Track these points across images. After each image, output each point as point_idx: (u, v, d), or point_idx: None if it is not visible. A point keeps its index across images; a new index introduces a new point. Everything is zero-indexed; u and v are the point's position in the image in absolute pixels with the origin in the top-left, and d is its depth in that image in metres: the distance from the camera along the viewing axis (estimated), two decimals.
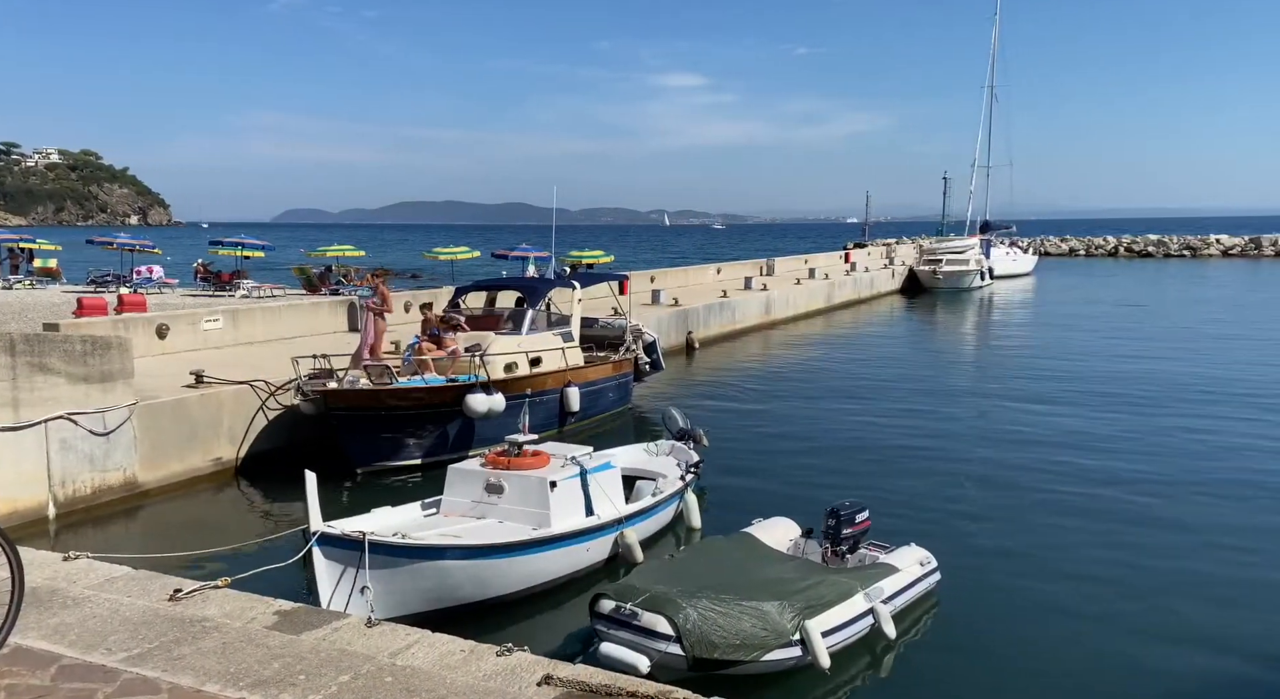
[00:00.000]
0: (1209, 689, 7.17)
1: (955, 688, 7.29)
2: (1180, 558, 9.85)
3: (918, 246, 60.62)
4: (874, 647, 7.86)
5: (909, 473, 13.39)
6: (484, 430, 13.70)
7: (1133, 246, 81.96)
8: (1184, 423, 16.37)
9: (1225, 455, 14.13)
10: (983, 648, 7.91)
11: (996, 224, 60.05)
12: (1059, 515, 11.32)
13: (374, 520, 8.94)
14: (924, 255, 51.72)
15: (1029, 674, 7.43)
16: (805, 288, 37.22)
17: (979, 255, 50.69)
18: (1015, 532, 10.76)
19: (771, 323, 32.64)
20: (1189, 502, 11.82)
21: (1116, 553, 10.01)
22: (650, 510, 10.38)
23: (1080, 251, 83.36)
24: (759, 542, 8.94)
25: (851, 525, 9.01)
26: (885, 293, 46.48)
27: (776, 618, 7.28)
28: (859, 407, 18.37)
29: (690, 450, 12.14)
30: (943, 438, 15.62)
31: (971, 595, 8.93)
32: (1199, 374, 21.49)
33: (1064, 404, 18.27)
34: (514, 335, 15.27)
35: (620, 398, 17.65)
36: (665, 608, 7.12)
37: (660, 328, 23.67)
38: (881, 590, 8.06)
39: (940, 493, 12.36)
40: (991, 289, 48.91)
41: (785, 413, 17.87)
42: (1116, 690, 7.15)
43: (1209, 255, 77.46)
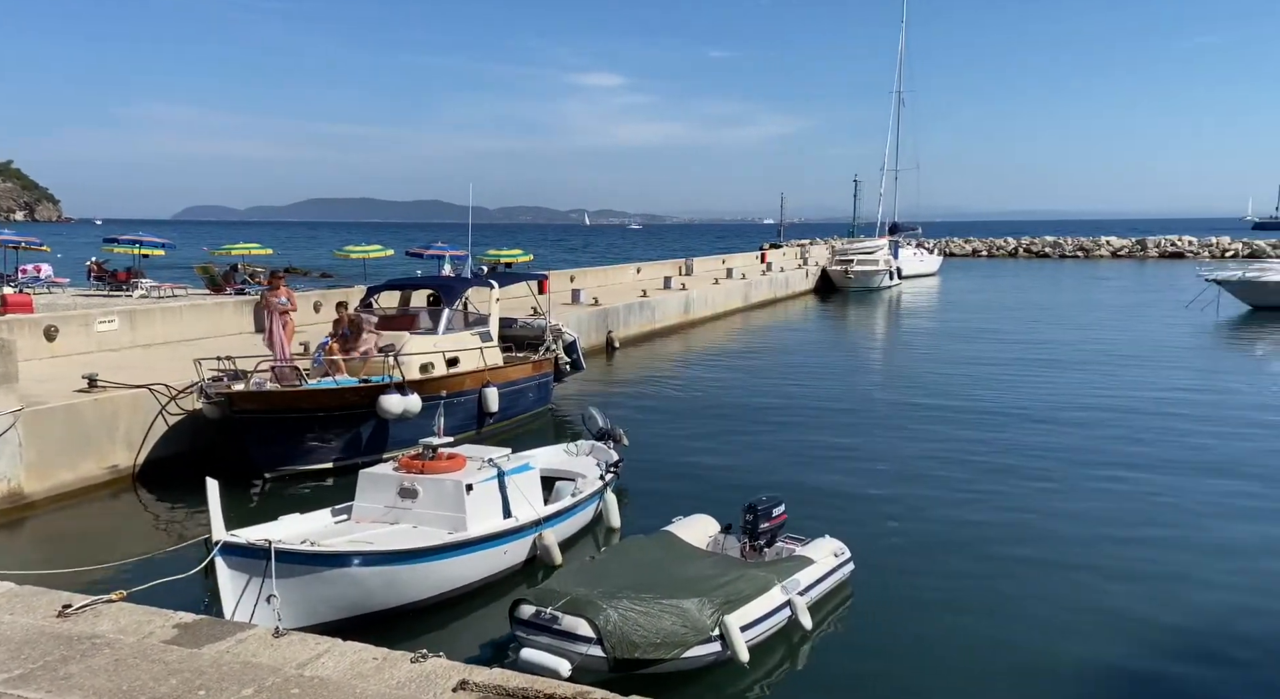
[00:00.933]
0: (1111, 673, 7.50)
1: (868, 675, 7.46)
2: (1083, 547, 10.28)
3: (830, 247, 62.10)
4: (791, 638, 7.99)
5: (824, 467, 13.67)
6: (399, 433, 13.38)
7: (1031, 247, 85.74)
8: (1084, 417, 17.17)
9: (1125, 448, 14.86)
10: (893, 634, 8.13)
11: (904, 226, 62.01)
12: (966, 506, 11.73)
13: (281, 528, 8.64)
14: (836, 256, 52.98)
15: (937, 659, 7.66)
16: (723, 287, 37.66)
17: (888, 256, 52.21)
18: (924, 521, 11.10)
19: (691, 322, 32.92)
20: (1091, 493, 12.38)
21: (1021, 542, 10.41)
22: (569, 511, 10.31)
23: (983, 252, 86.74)
24: (679, 540, 8.98)
25: (769, 520, 9.14)
26: (800, 292, 47.42)
27: (696, 615, 7.33)
28: (776, 404, 18.67)
29: (610, 450, 12.11)
30: (855, 432, 16.00)
31: (882, 583, 9.17)
32: (1093, 371, 22.59)
33: (969, 399, 18.95)
34: (430, 335, 14.97)
35: (540, 398, 17.51)
36: (586, 610, 7.09)
37: (580, 327, 23.58)
38: (798, 582, 8.20)
39: (853, 485, 12.66)
40: (900, 288, 50.43)
41: (705, 411, 18.02)
42: (1020, 673, 7.43)
43: (1100, 256, 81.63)
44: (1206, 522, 11.08)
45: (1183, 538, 10.52)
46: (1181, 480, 12.80)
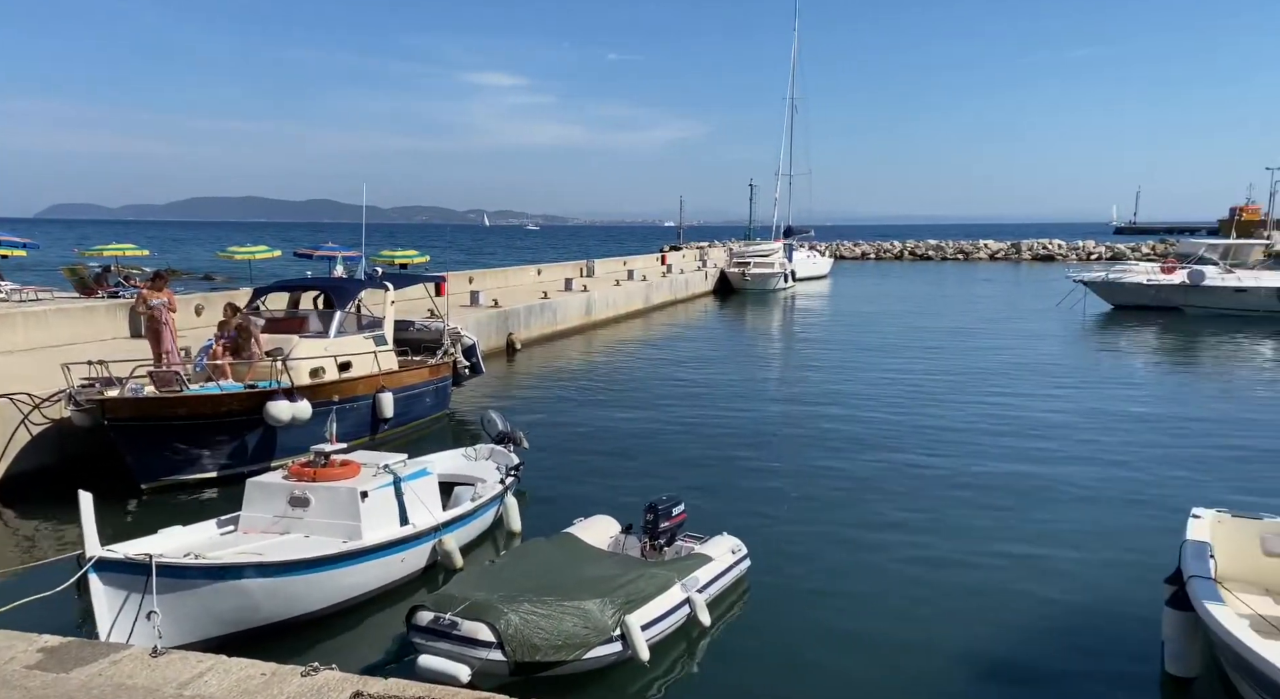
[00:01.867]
0: (994, 658, 7.91)
1: (764, 669, 7.64)
2: (966, 537, 10.77)
3: (728, 250, 63.27)
4: (690, 635, 8.11)
5: (722, 465, 13.92)
6: (288, 440, 12.91)
7: (915, 251, 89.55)
8: (966, 412, 18.04)
9: (1003, 442, 15.69)
10: (787, 627, 8.35)
11: (798, 229, 63.74)
12: (855, 500, 12.13)
13: (162, 541, 8.21)
14: (734, 258, 53.98)
15: (829, 650, 7.90)
16: (625, 289, 37.86)
17: (783, 258, 53.55)
18: (816, 517, 11.43)
19: (593, 324, 32.94)
20: (973, 483, 13.02)
21: (908, 535, 10.84)
22: (469, 516, 10.17)
23: (871, 255, 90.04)
24: (580, 541, 9.00)
25: (669, 519, 9.26)
26: (699, 294, 48.11)
27: (598, 615, 7.36)
28: (677, 403, 18.89)
29: (511, 453, 12.02)
30: (753, 431, 16.35)
31: (777, 578, 9.41)
32: (974, 369, 23.77)
33: (860, 398, 19.64)
34: (320, 338, 14.49)
35: (438, 402, 17.19)
36: (486, 615, 7.03)
37: (480, 330, 23.27)
38: (697, 580, 8.33)
39: (750, 483, 12.94)
40: (794, 290, 51.80)
41: (607, 412, 18.08)
42: (906, 662, 7.74)
43: (979, 258, 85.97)
44: (1079, 508, 11.80)
45: (1056, 524, 11.16)
46: (1051, 469, 13.59)
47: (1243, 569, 8.15)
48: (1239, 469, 13.71)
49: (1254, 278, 36.63)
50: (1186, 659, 7.15)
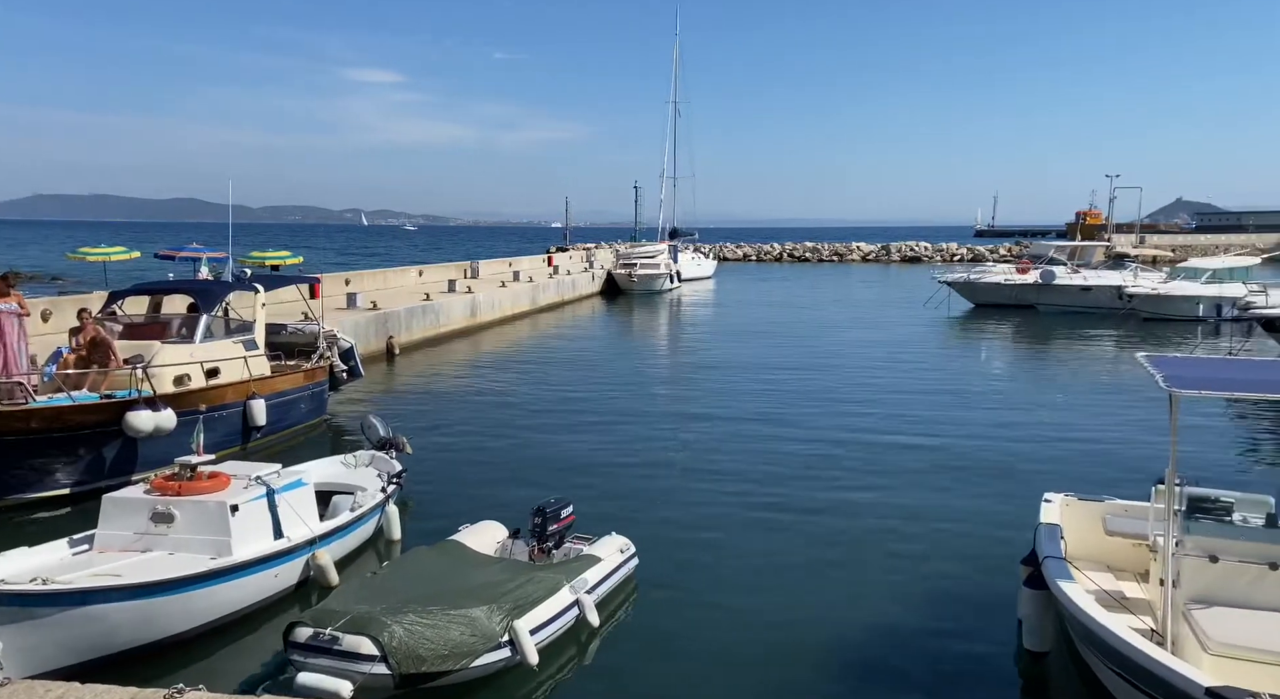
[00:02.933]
0: (867, 646, 8.25)
1: (652, 665, 7.73)
2: (847, 530, 11.15)
3: (614, 251, 63.58)
4: (580, 636, 8.12)
5: (612, 465, 13.99)
6: (151, 452, 12.15)
7: (794, 253, 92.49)
8: (844, 407, 18.76)
9: (882, 437, 16.39)
10: (674, 623, 8.47)
11: (683, 231, 64.76)
12: (741, 495, 12.42)
13: (5, 565, 7.59)
14: (620, 260, 54.31)
15: (715, 644, 8.06)
16: (510, 290, 37.48)
17: (668, 260, 54.26)
18: (704, 512, 11.64)
19: (478, 325, 32.46)
20: (848, 479, 13.53)
21: (791, 530, 11.15)
22: (348, 527, 9.85)
23: (753, 257, 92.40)
24: (466, 548, 8.86)
25: (557, 521, 9.25)
26: (586, 295, 48.15)
27: (485, 622, 7.28)
28: (564, 405, 18.85)
29: (392, 460, 11.70)
30: (640, 431, 16.50)
31: (664, 576, 9.53)
32: (849, 365, 24.76)
33: (746, 395, 20.13)
34: (185, 344, 13.72)
35: (314, 409, 16.55)
36: (368, 628, 6.83)
37: (358, 332, 22.56)
38: (586, 581, 8.34)
39: (640, 481, 13.06)
40: (680, 291, 52.59)
41: (493, 415, 17.85)
42: (786, 652, 7.97)
43: (852, 260, 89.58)
44: (942, 496, 12.46)
45: (922, 512, 11.73)
46: (917, 460, 14.30)
47: (1088, 548, 8.81)
48: (1085, 454, 14.79)
49: (1097, 277, 39.61)
50: (1041, 635, 7.66)
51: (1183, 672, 5.56)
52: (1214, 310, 34.25)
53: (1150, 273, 40.56)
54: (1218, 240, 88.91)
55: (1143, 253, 58.54)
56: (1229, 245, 76.44)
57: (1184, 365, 7.97)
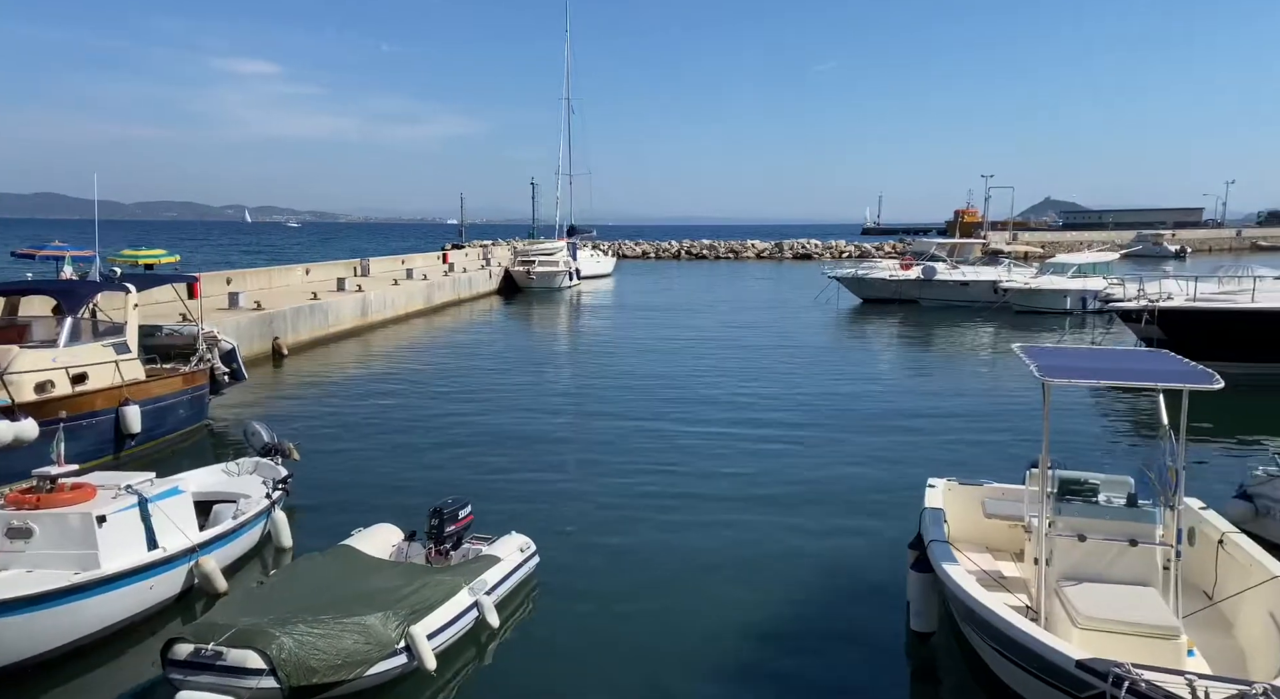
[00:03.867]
0: (762, 634, 8.42)
1: (553, 664, 7.69)
2: (744, 525, 11.30)
3: (512, 249, 62.90)
4: (479, 638, 8.00)
5: (512, 463, 13.83)
6: (9, 464, 11.27)
7: (691, 250, 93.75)
8: (743, 400, 19.11)
9: (776, 428, 16.77)
10: (575, 621, 8.46)
11: (581, 228, 64.59)
12: (639, 490, 12.48)
13: None
14: (518, 257, 53.76)
15: (615, 641, 8.08)
16: (404, 289, 36.56)
17: (567, 257, 54.04)
18: (605, 511, 11.64)
19: (370, 325, 31.53)
20: (745, 470, 13.79)
21: (691, 527, 11.25)
22: (230, 535, 9.40)
23: (651, 254, 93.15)
24: (359, 552, 8.59)
25: (455, 522, 9.08)
26: (484, 293, 47.47)
27: (380, 629, 7.08)
28: (461, 405, 18.52)
29: (278, 466, 11.24)
30: (540, 428, 16.37)
31: (565, 574, 9.49)
32: (745, 360, 25.25)
33: (645, 391, 20.25)
34: (47, 349, 12.78)
35: (193, 414, 15.72)
36: (255, 641, 6.54)
37: (241, 334, 21.58)
38: (485, 582, 8.22)
39: (540, 479, 12.96)
40: (579, 288, 52.46)
41: (387, 416, 17.37)
42: (682, 643, 8.07)
43: (747, 257, 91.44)
44: (834, 485, 12.85)
45: (813, 501, 12.08)
46: (809, 450, 14.73)
47: (969, 531, 9.24)
48: (967, 440, 15.53)
49: (975, 272, 41.67)
50: (927, 616, 7.98)
51: (1054, 645, 5.90)
52: (1079, 303, 36.56)
53: (1022, 268, 42.92)
54: (1082, 237, 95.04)
55: (1015, 249, 61.87)
56: (1092, 242, 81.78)
57: (1055, 355, 8.45)
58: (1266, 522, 10.22)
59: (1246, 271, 24.52)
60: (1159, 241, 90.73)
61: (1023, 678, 6.44)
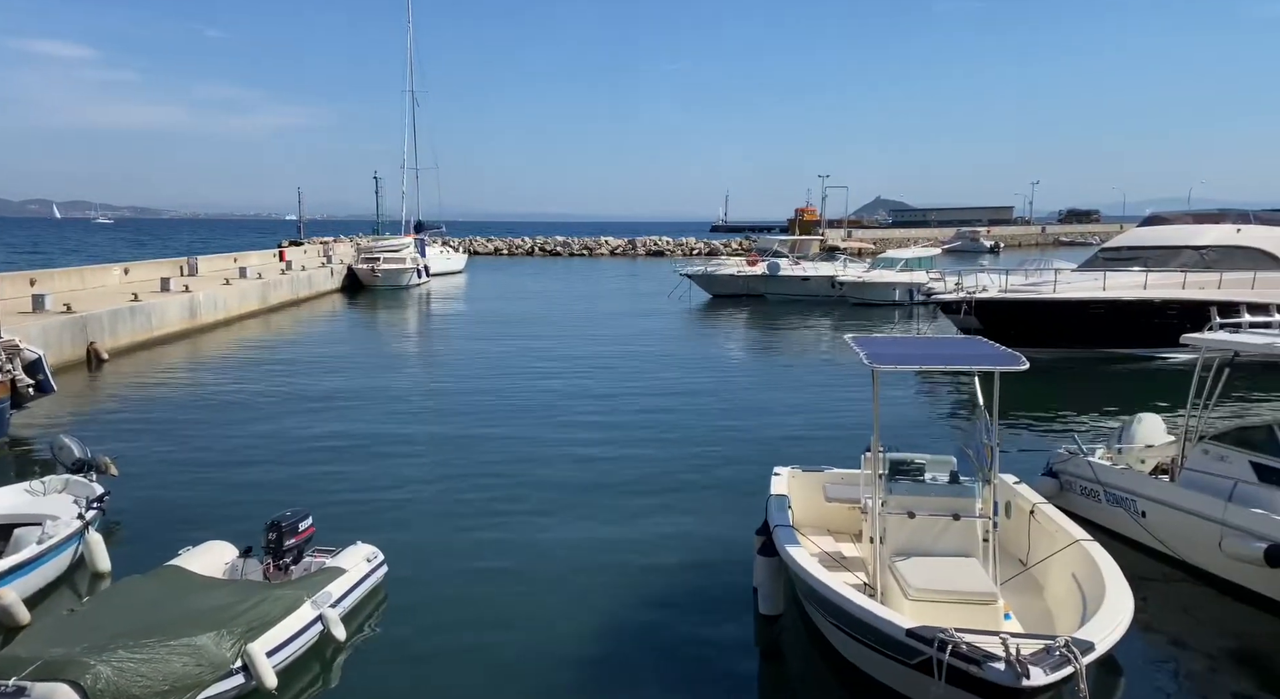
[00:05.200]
0: (615, 630, 8.49)
1: (404, 675, 7.48)
2: (592, 520, 11.36)
3: (355, 245, 60.48)
4: (324, 653, 7.66)
5: (356, 471, 13.31)
6: None
7: (545, 247, 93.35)
8: (591, 399, 19.19)
9: (627, 425, 16.93)
10: (428, 630, 8.24)
11: (429, 224, 62.95)
12: (494, 496, 12.29)
13: None
14: (362, 254, 51.81)
15: (465, 647, 7.92)
16: (237, 288, 34.42)
17: (414, 254, 52.53)
18: (454, 516, 11.38)
19: (199, 328, 29.50)
20: (595, 467, 13.86)
21: (537, 522, 11.17)
22: (34, 562, 8.55)
23: (504, 251, 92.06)
24: (187, 572, 8.04)
25: (295, 535, 8.66)
26: (326, 292, 45.42)
27: (213, 649, 6.68)
28: (300, 410, 17.64)
29: (92, 483, 10.33)
30: (388, 432, 15.84)
31: (414, 582, 9.23)
32: (594, 356, 25.41)
33: (497, 392, 19.97)
34: None
35: None
36: (65, 672, 6.01)
37: (48, 340, 19.72)
38: (329, 595, 7.90)
39: (387, 486, 12.54)
40: (429, 286, 51.12)
41: (219, 426, 16.30)
42: (537, 646, 8.00)
43: (601, 254, 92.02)
44: (684, 478, 13.14)
45: (665, 495, 12.31)
46: (661, 445, 15.01)
47: (813, 515, 9.71)
48: (810, 427, 16.28)
49: (814, 268, 43.77)
50: (774, 599, 8.31)
51: (886, 617, 6.29)
52: (907, 295, 39.07)
53: (857, 263, 45.41)
54: (909, 234, 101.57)
55: (850, 246, 65.30)
56: (917, 239, 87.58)
57: (882, 344, 8.99)
58: (1069, 495, 11.27)
59: (1049, 265, 26.93)
60: (976, 238, 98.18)
61: (862, 652, 6.82)
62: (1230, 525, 8.81)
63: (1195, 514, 9.30)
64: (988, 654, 5.45)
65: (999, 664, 5.36)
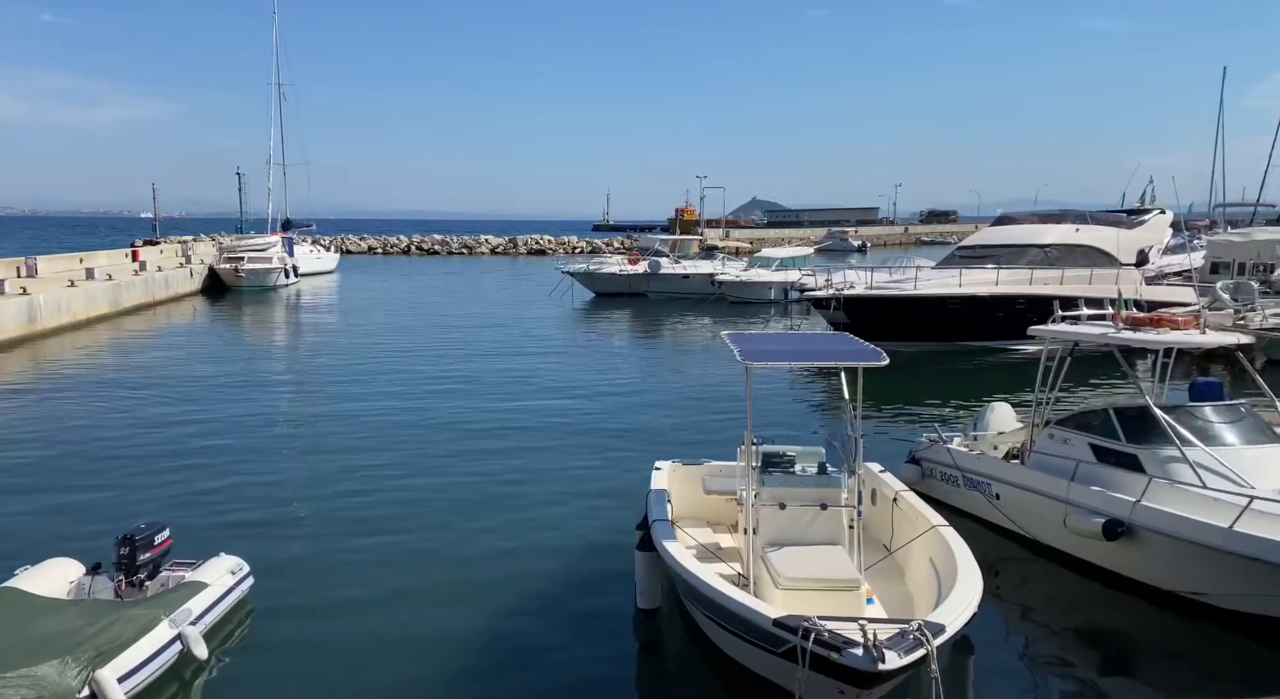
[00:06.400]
0: (497, 631, 8.37)
1: (271, 690, 7.17)
2: (466, 530, 10.90)
3: (218, 244, 57.36)
4: (184, 673, 7.24)
5: (215, 482, 12.62)
6: None
7: (422, 245, 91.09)
8: (470, 399, 18.88)
9: (509, 427, 16.73)
10: (297, 640, 7.94)
11: (298, 222, 60.36)
12: (367, 503, 11.89)
13: None
14: (225, 253, 49.19)
15: (343, 657, 7.68)
16: (83, 290, 31.99)
17: (282, 253, 50.28)
18: (324, 522, 10.98)
19: (40, 333, 27.28)
20: (474, 467, 13.64)
21: (410, 533, 10.70)
22: None
23: (378, 250, 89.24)
24: (26, 594, 7.43)
25: (150, 549, 8.15)
26: (185, 294, 42.86)
27: (56, 679, 6.21)
28: (154, 417, 16.59)
29: None
30: (251, 441, 15.11)
31: (283, 592, 8.88)
32: (478, 358, 25.02)
33: (369, 396, 19.37)
34: None
35: None
36: None
37: None
38: (189, 612, 7.46)
39: (250, 497, 11.94)
40: (298, 287, 49.03)
41: (64, 439, 15.12)
42: (414, 650, 7.82)
43: (481, 253, 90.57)
44: (567, 475, 13.12)
45: (546, 492, 12.25)
46: (542, 443, 14.95)
47: (692, 508, 9.88)
48: (692, 421, 16.55)
49: (694, 267, 44.53)
50: (651, 593, 8.41)
51: (754, 607, 6.46)
52: (782, 293, 40.32)
53: (734, 263, 46.48)
54: (784, 234, 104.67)
55: (728, 245, 66.73)
56: (791, 238, 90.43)
57: (755, 341, 9.25)
58: (931, 482, 11.91)
59: (911, 263, 28.37)
60: (845, 237, 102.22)
61: (733, 642, 6.98)
62: (1073, 503, 9.51)
63: (1042, 494, 9.99)
64: (847, 640, 5.66)
65: (857, 650, 5.57)
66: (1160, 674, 7.55)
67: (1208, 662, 7.71)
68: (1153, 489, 8.82)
